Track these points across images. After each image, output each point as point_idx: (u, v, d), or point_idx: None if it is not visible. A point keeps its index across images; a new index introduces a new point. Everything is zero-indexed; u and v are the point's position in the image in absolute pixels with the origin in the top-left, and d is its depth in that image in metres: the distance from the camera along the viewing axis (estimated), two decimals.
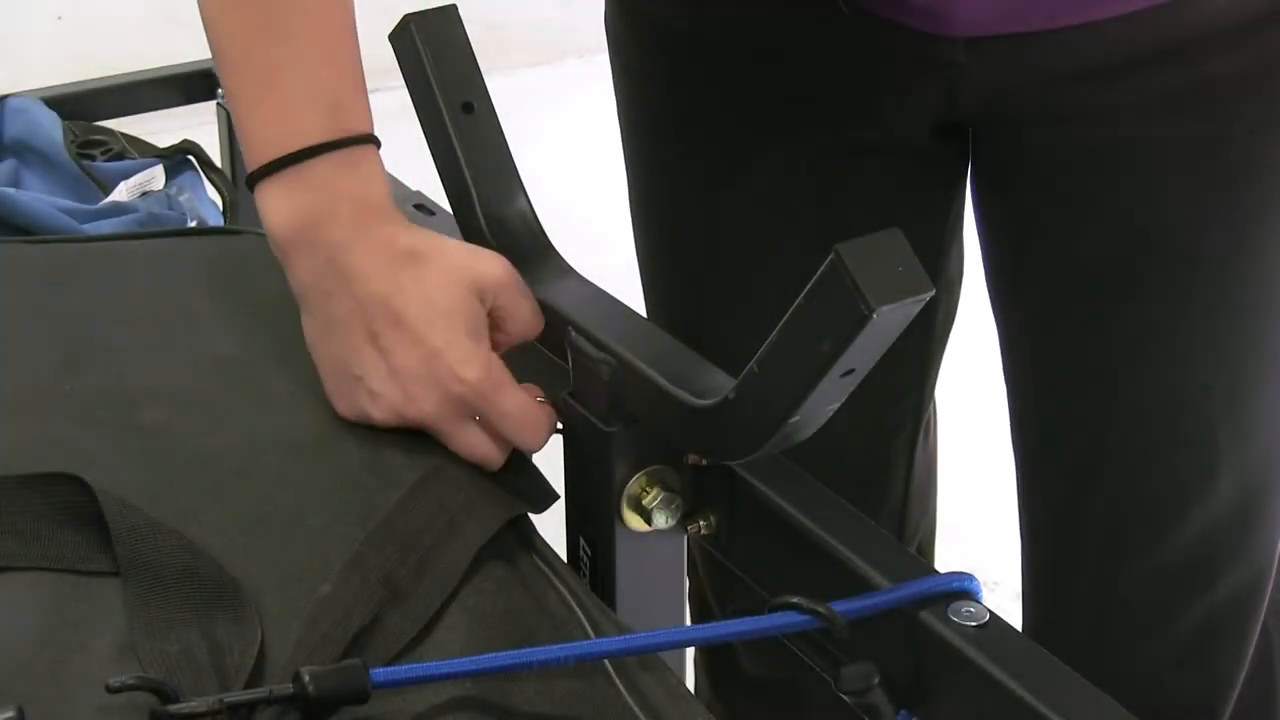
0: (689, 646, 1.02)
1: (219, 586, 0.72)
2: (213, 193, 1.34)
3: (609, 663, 0.70)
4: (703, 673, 1.29)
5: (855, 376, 0.65)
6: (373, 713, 0.66)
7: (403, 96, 0.85)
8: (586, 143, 2.29)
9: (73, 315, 0.94)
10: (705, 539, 0.79)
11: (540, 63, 3.73)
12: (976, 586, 0.68)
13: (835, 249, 0.61)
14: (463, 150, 0.85)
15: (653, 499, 0.78)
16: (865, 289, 0.60)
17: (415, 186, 1.06)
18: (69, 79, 1.40)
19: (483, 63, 0.85)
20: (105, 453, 0.82)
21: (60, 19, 3.57)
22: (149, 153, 1.33)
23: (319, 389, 0.85)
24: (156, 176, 1.28)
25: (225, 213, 1.33)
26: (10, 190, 1.18)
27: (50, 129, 1.29)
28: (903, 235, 0.62)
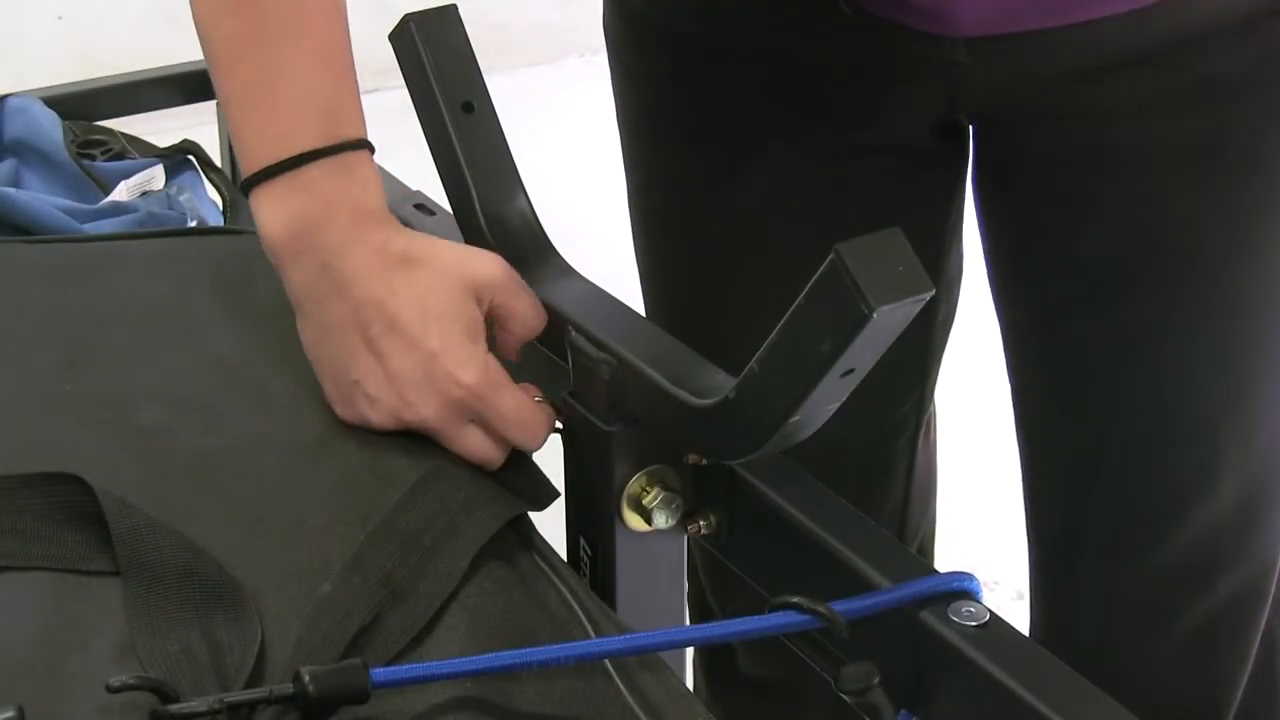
0: (689, 646, 1.02)
1: (219, 586, 0.72)
2: (213, 193, 1.34)
3: (609, 662, 0.70)
4: (701, 673, 1.29)
5: (855, 376, 0.65)
6: (373, 713, 0.66)
7: (403, 96, 0.85)
8: (586, 143, 2.29)
9: (73, 315, 0.94)
10: (705, 539, 0.79)
11: (540, 63, 3.73)
12: (976, 586, 0.68)
13: (835, 249, 0.61)
14: (463, 150, 0.85)
15: (653, 499, 0.78)
16: (865, 289, 0.60)
17: (415, 186, 1.06)
18: (69, 79, 1.40)
19: (483, 62, 0.85)
20: (105, 452, 0.82)
21: (60, 19, 3.57)
22: (149, 153, 1.33)
23: (319, 389, 0.85)
24: (156, 176, 1.28)
25: (225, 213, 1.33)
26: (10, 190, 1.18)
27: (50, 129, 1.29)
28: (903, 235, 0.62)
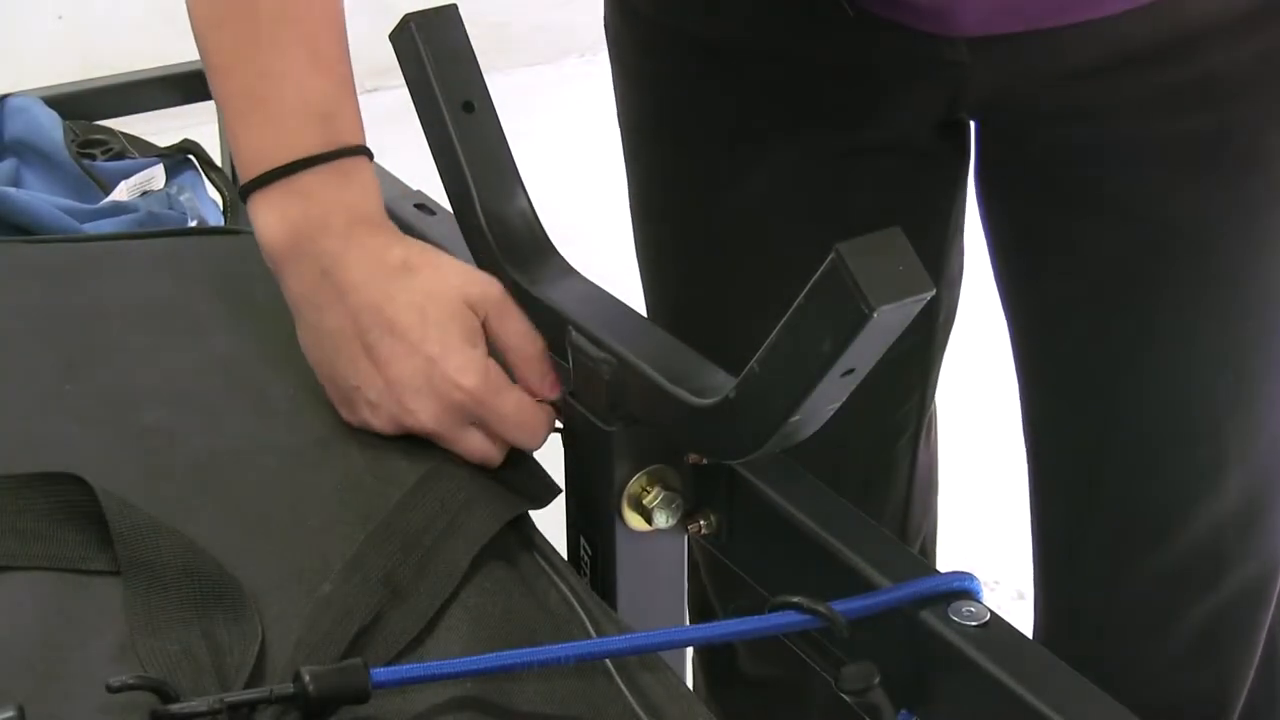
0: (690, 646, 1.02)
1: (219, 586, 0.72)
2: (213, 192, 1.34)
3: (610, 662, 0.70)
4: (701, 673, 1.29)
5: (856, 376, 0.65)
6: (373, 713, 0.66)
7: (403, 96, 0.85)
8: (586, 143, 2.29)
9: (73, 315, 0.94)
10: (706, 538, 0.79)
11: (540, 62, 3.73)
12: (977, 586, 0.68)
13: (835, 248, 0.61)
14: (463, 150, 0.84)
15: (653, 498, 0.78)
16: (865, 288, 0.60)
17: (415, 186, 1.06)
18: (69, 79, 1.40)
19: (483, 62, 0.85)
20: (106, 452, 0.82)
21: (60, 19, 3.57)
22: (149, 152, 1.33)
23: (319, 390, 0.85)
24: (157, 176, 1.28)
25: (225, 212, 1.33)
26: (10, 190, 1.18)
27: (50, 128, 1.29)
28: (903, 235, 0.62)
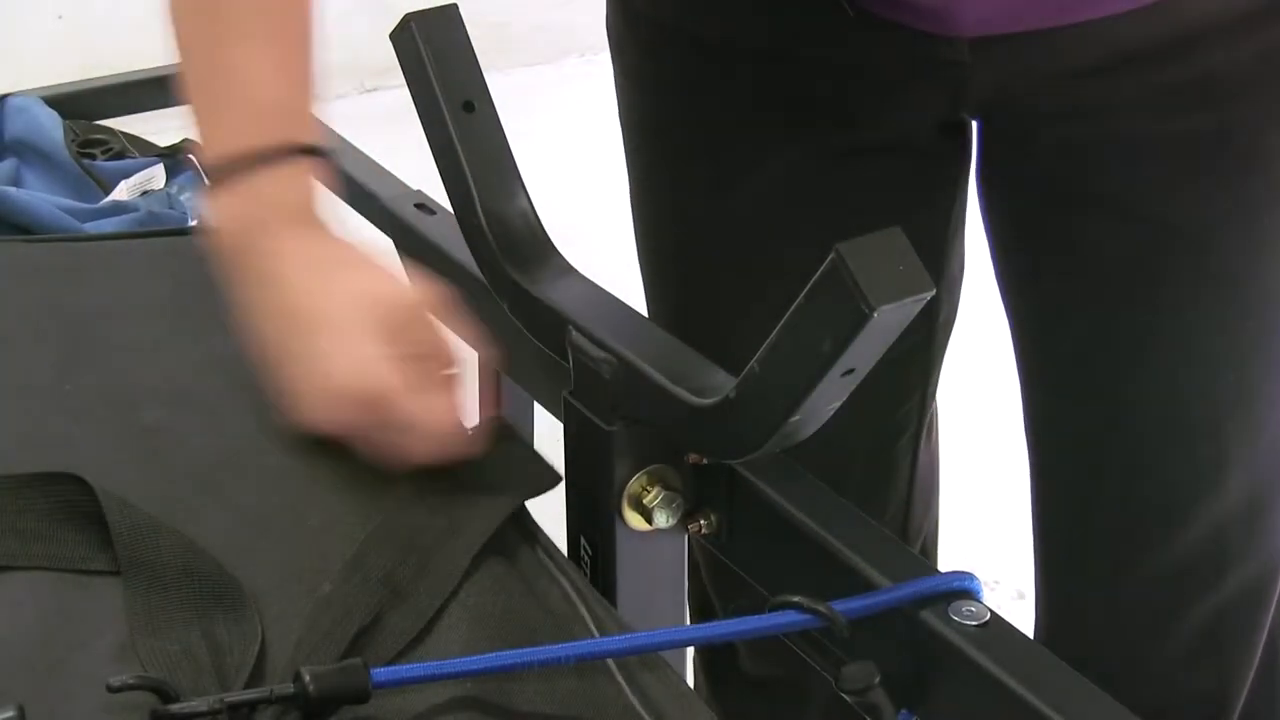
0: (691, 646, 1.02)
1: (219, 586, 0.72)
2: None
3: (611, 661, 0.70)
4: (701, 672, 1.29)
5: (856, 376, 0.65)
6: (373, 712, 0.66)
7: (403, 96, 0.85)
8: (586, 142, 2.29)
9: (73, 314, 0.94)
10: (706, 538, 0.79)
11: (540, 62, 3.73)
12: (977, 586, 0.68)
13: (835, 248, 0.61)
14: (463, 149, 0.84)
15: (653, 498, 0.78)
16: (865, 288, 0.60)
17: (415, 186, 1.06)
18: (69, 79, 1.40)
19: (483, 62, 0.85)
20: (105, 452, 0.82)
21: (60, 19, 3.57)
22: (149, 152, 1.33)
23: None
24: (157, 175, 1.28)
25: None
26: (11, 189, 1.18)
27: (51, 128, 1.29)
28: (903, 234, 0.62)
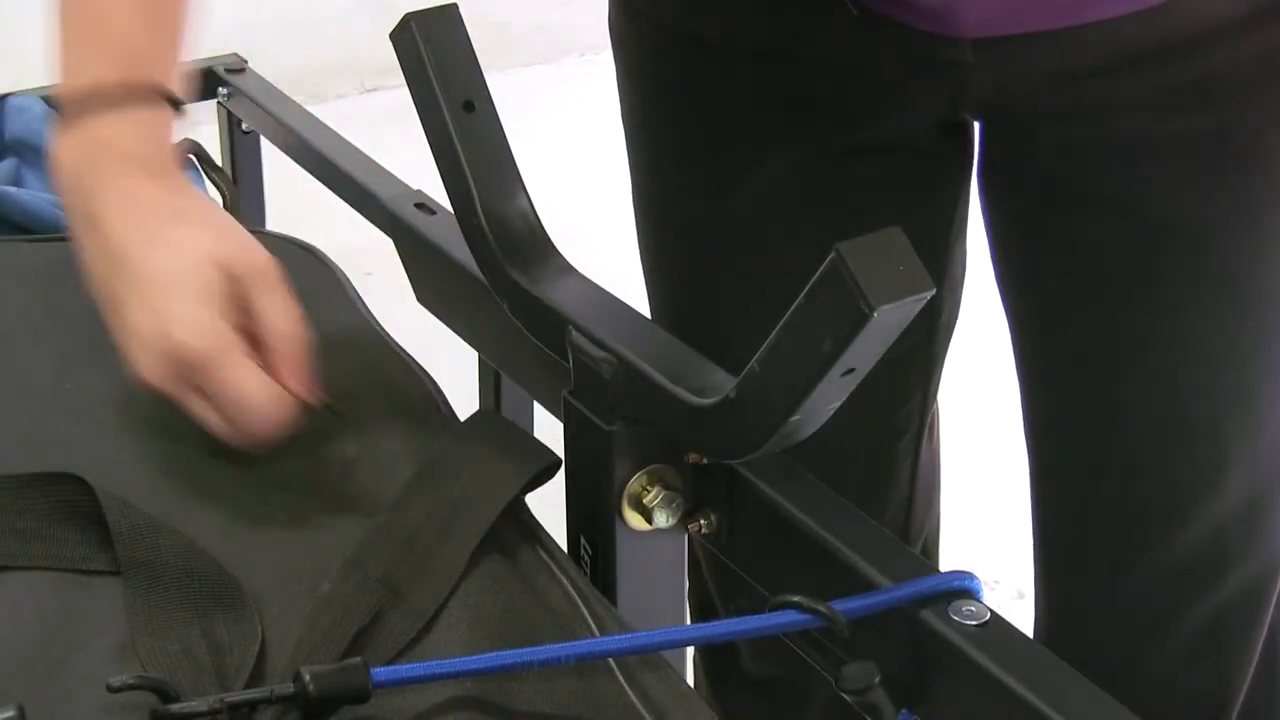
0: (691, 645, 1.02)
1: (219, 586, 0.72)
2: (213, 191, 1.34)
3: (611, 660, 0.70)
4: (701, 672, 1.29)
5: (856, 376, 0.65)
6: (373, 712, 0.66)
7: (403, 96, 0.85)
8: (586, 142, 2.29)
9: (73, 314, 0.94)
10: (706, 538, 0.79)
11: (540, 62, 3.73)
12: (977, 585, 0.68)
13: (835, 248, 0.61)
14: (463, 149, 0.84)
15: (653, 498, 0.78)
16: (865, 288, 0.60)
17: (415, 186, 1.06)
18: None
19: (483, 62, 0.85)
20: (105, 451, 0.82)
21: None
22: None
23: (319, 387, 0.84)
24: None
25: (226, 211, 1.33)
26: (11, 189, 1.18)
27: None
28: (903, 234, 0.62)
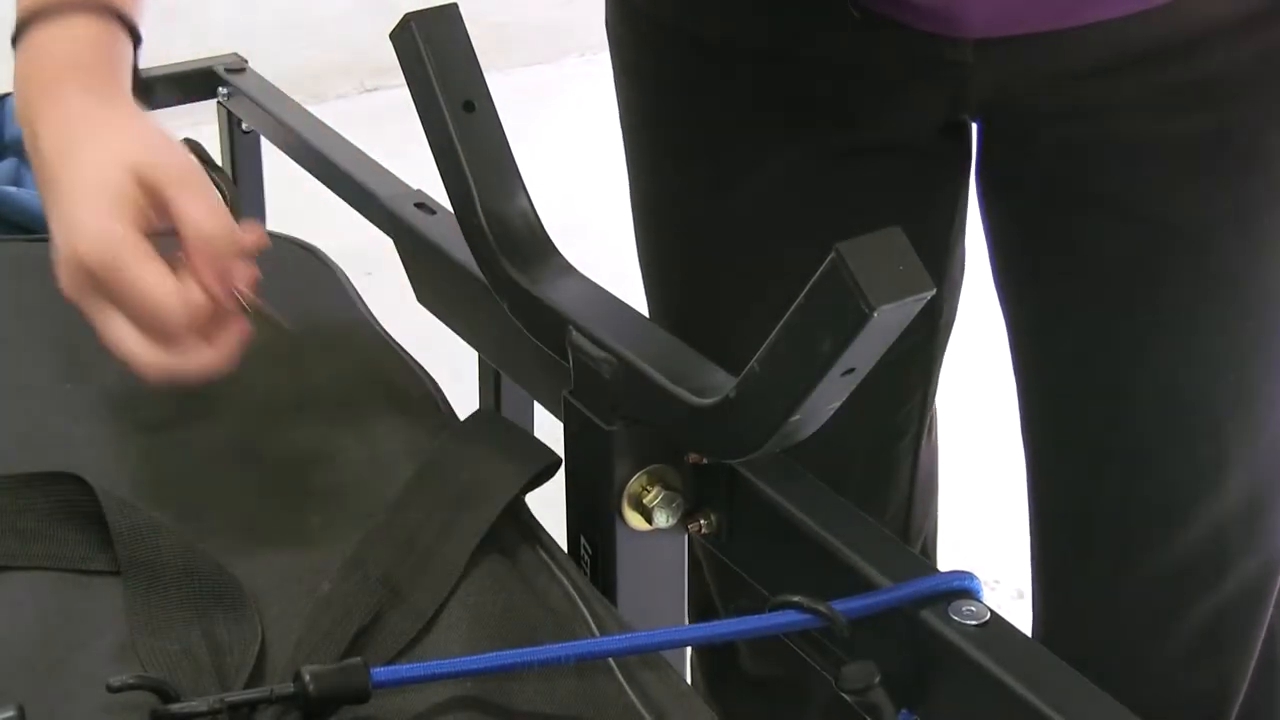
0: (691, 645, 1.02)
1: (219, 586, 0.72)
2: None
3: (611, 660, 0.70)
4: (700, 672, 1.29)
5: (856, 375, 0.65)
6: (373, 712, 0.66)
7: (403, 95, 0.85)
8: (586, 142, 2.29)
9: (74, 313, 0.94)
10: (706, 538, 0.79)
11: (540, 62, 3.73)
12: (977, 585, 0.68)
13: (835, 248, 0.61)
14: (463, 149, 0.84)
15: (653, 498, 0.78)
16: (866, 288, 0.60)
17: (416, 185, 1.06)
18: None
19: (483, 61, 0.85)
20: (105, 451, 0.82)
21: None
22: None
23: (319, 388, 0.85)
24: None
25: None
26: (11, 189, 1.18)
27: None
28: (903, 234, 0.62)
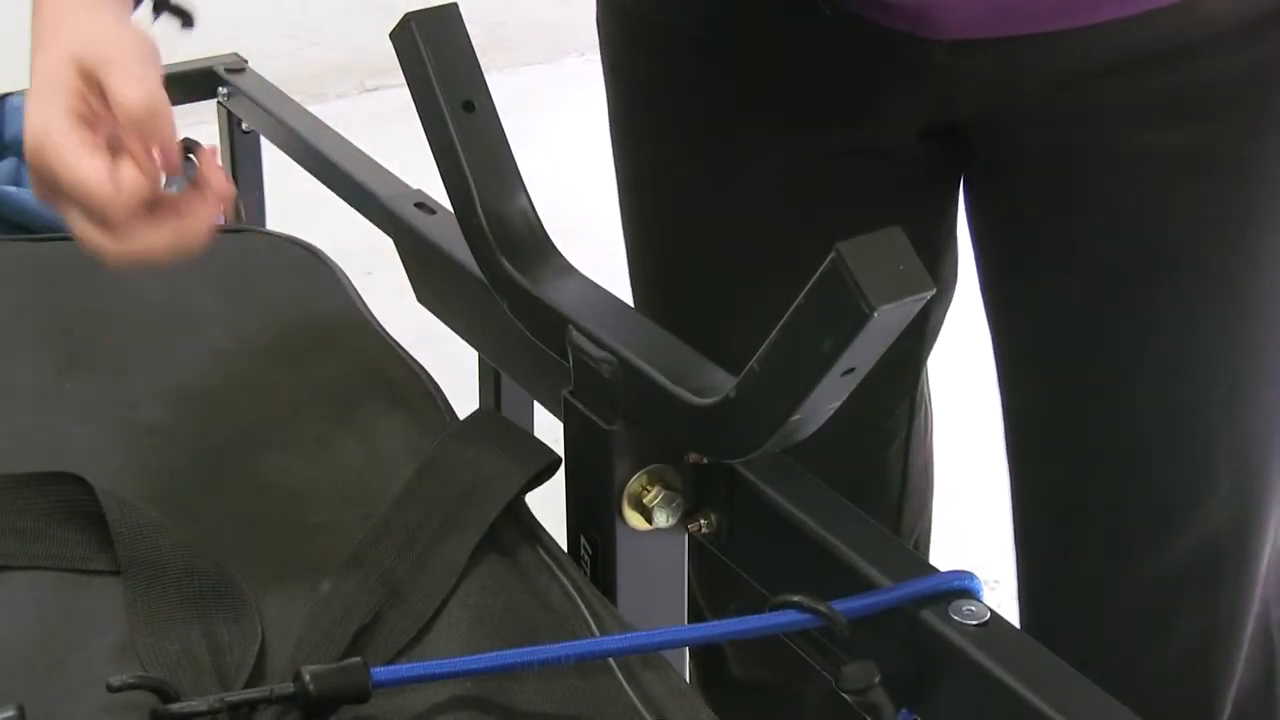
0: (691, 645, 1.02)
1: (219, 585, 0.72)
2: None
3: (611, 660, 0.70)
4: (692, 675, 1.29)
5: (856, 375, 0.65)
6: (373, 712, 0.66)
7: (403, 95, 0.85)
8: (587, 142, 2.28)
9: (73, 313, 0.95)
10: (706, 537, 0.79)
11: (540, 62, 3.73)
12: (977, 585, 0.68)
13: (836, 248, 0.61)
14: (463, 149, 0.84)
15: (653, 497, 0.78)
16: (865, 288, 0.60)
17: (415, 185, 1.06)
18: None
19: (483, 61, 0.85)
20: (105, 451, 0.82)
21: None
22: None
23: (319, 388, 0.85)
24: None
25: (225, 211, 1.33)
26: (11, 188, 1.18)
27: None
28: (903, 234, 0.62)
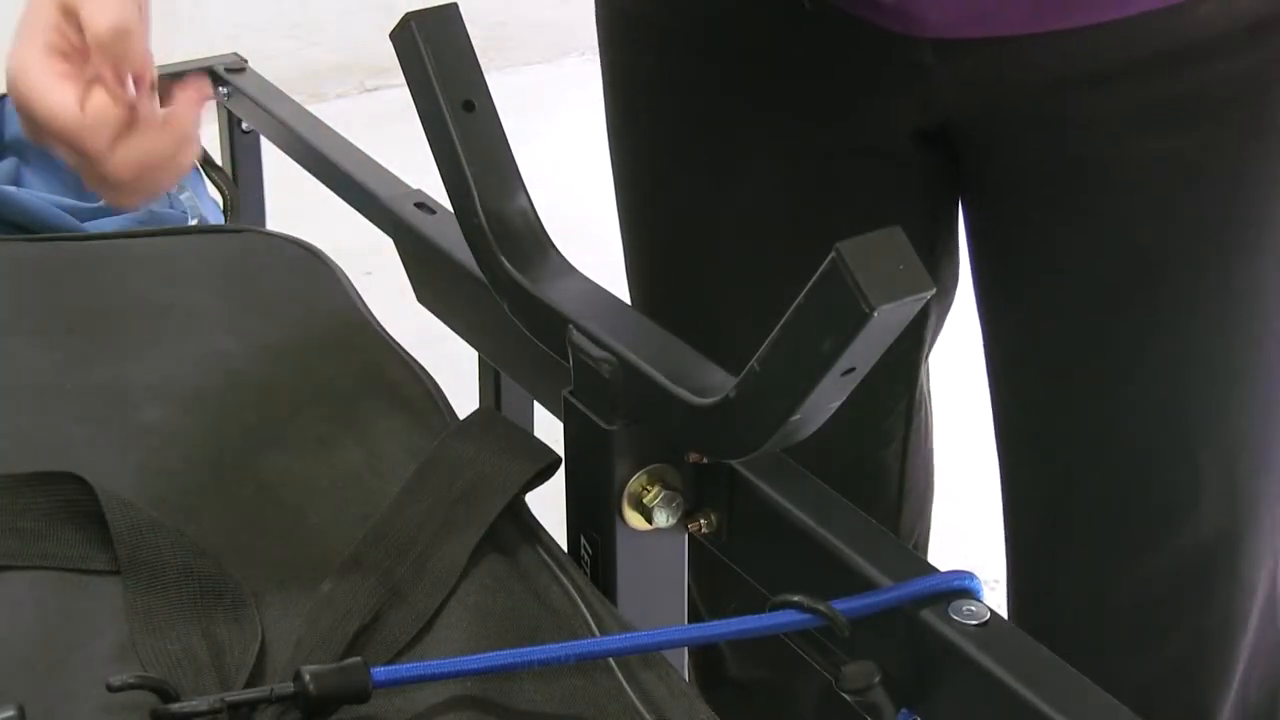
0: (691, 645, 1.02)
1: (219, 585, 0.72)
2: (213, 191, 1.34)
3: (612, 659, 0.70)
4: (692, 676, 1.28)
5: (856, 375, 0.65)
6: (373, 712, 0.66)
7: (403, 95, 0.85)
8: (586, 142, 2.29)
9: (73, 313, 0.95)
10: (706, 537, 0.79)
11: (540, 62, 3.73)
12: (977, 585, 0.68)
13: (836, 247, 0.61)
14: (463, 149, 0.84)
15: (653, 497, 0.78)
16: (866, 288, 0.60)
17: (415, 185, 1.06)
18: None
19: (483, 61, 0.85)
20: (105, 451, 0.82)
21: None
22: None
23: (320, 387, 0.85)
24: None
25: (225, 212, 1.33)
26: (11, 188, 1.18)
27: None
28: (903, 234, 0.62)
